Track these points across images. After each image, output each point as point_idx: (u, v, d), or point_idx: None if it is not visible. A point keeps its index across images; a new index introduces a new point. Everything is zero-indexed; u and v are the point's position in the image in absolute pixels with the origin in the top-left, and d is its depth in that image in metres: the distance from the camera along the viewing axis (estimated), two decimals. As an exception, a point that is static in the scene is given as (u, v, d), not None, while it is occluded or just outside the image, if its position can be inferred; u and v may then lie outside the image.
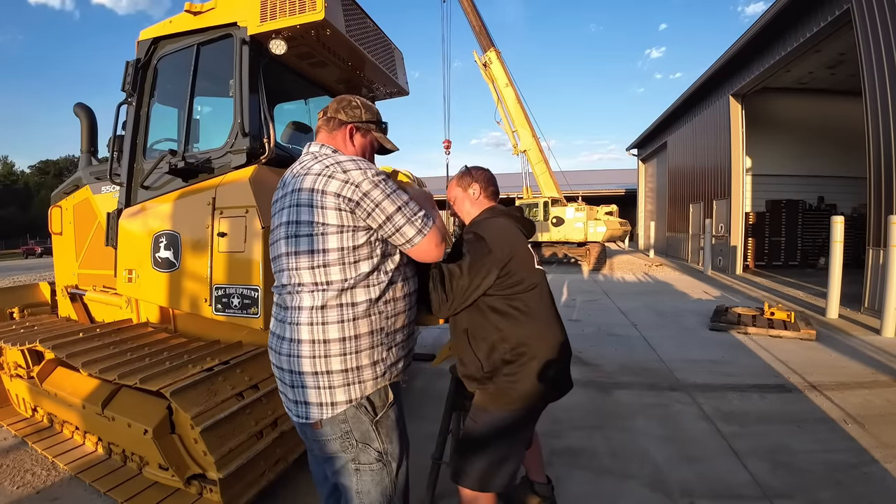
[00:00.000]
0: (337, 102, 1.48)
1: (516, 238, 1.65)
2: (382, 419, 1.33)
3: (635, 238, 23.68)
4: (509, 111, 14.04)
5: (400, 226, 1.30)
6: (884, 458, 2.50)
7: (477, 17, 13.73)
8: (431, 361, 2.29)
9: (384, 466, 1.32)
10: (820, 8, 7.54)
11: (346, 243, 1.27)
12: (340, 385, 1.27)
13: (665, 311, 6.70)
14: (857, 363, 4.19)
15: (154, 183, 2.68)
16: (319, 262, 1.27)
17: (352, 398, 1.28)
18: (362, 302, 1.29)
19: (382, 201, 1.28)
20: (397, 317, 1.37)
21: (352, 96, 1.50)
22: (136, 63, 2.73)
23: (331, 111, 1.47)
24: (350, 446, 1.30)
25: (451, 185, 1.86)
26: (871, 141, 6.43)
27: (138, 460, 2.25)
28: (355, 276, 1.27)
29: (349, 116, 1.45)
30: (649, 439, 2.81)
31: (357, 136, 1.47)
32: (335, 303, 1.27)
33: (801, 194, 12.69)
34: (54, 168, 49.59)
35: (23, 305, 3.69)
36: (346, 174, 1.27)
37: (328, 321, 1.26)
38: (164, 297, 2.53)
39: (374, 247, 1.30)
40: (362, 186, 1.26)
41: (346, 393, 1.28)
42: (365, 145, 1.50)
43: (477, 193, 1.79)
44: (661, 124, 17.24)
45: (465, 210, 1.81)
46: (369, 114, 1.49)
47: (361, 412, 1.29)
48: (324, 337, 1.26)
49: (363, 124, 1.47)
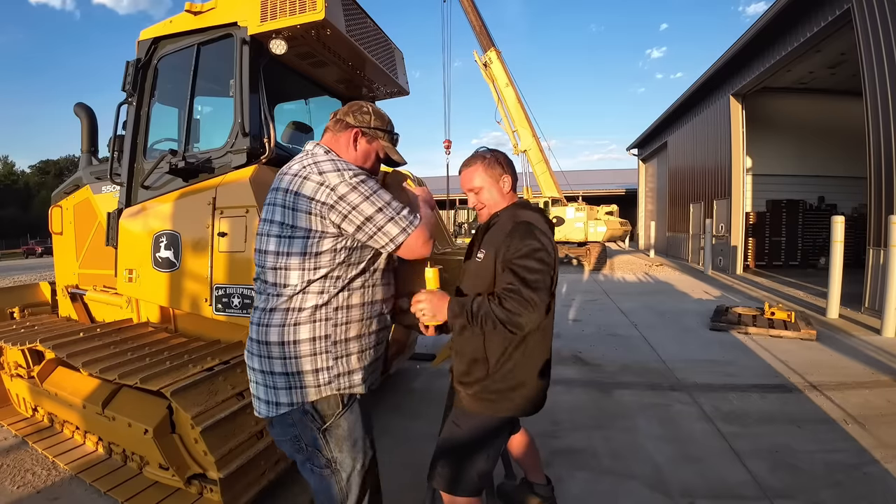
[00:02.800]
0: (348, 106, 1.48)
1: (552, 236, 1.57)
2: (331, 428, 1.32)
3: (636, 238, 23.68)
4: (510, 111, 14.03)
5: (381, 225, 1.28)
6: (884, 459, 2.50)
7: (477, 17, 13.72)
8: (432, 361, 2.30)
9: (333, 474, 1.33)
10: (820, 8, 7.54)
11: (310, 249, 1.27)
12: (283, 387, 1.29)
13: (665, 311, 6.70)
14: (858, 363, 4.19)
15: (154, 183, 2.68)
16: (282, 264, 1.28)
17: (294, 402, 1.29)
18: (308, 308, 1.28)
19: (360, 203, 1.26)
20: (349, 325, 1.33)
21: (365, 102, 1.50)
22: (137, 63, 2.73)
23: (340, 113, 1.46)
24: (301, 449, 1.33)
25: (474, 173, 1.62)
26: (871, 141, 6.42)
27: (139, 460, 2.26)
28: (309, 281, 1.28)
29: (357, 121, 1.44)
30: (650, 439, 2.80)
31: (362, 141, 1.45)
32: (283, 307, 1.29)
33: (801, 194, 12.68)
34: (55, 168, 49.59)
35: (23, 305, 3.69)
36: (322, 176, 1.26)
37: (271, 324, 1.29)
38: (165, 297, 2.53)
39: (338, 254, 1.29)
40: (338, 189, 1.25)
41: (288, 395, 1.29)
42: (369, 152, 1.47)
43: (508, 186, 1.64)
44: (661, 124, 17.23)
45: (494, 200, 1.62)
46: (379, 121, 1.47)
47: (307, 419, 1.30)
48: (266, 339, 1.29)
49: (370, 130, 1.45)
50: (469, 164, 1.64)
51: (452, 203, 22.06)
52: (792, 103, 12.30)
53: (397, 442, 2.78)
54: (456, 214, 22.27)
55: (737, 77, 10.89)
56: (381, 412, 3.11)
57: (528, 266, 1.39)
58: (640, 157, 21.68)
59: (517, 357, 1.51)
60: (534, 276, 1.38)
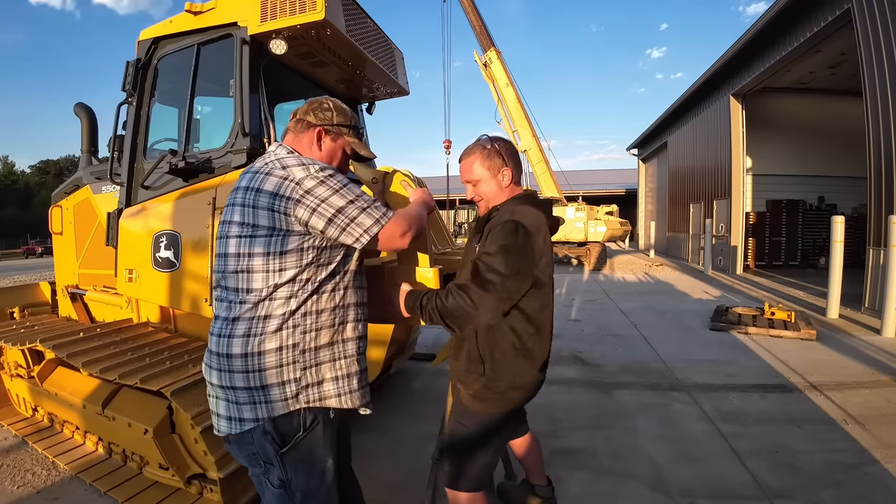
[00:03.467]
0: (308, 104, 1.39)
1: (548, 235, 1.52)
2: (290, 451, 1.22)
3: (636, 238, 23.68)
4: (510, 111, 14.03)
5: (354, 216, 1.20)
6: (884, 459, 2.50)
7: (477, 17, 13.72)
8: (432, 361, 2.29)
9: (286, 494, 1.24)
10: (820, 8, 7.54)
11: (274, 248, 1.18)
12: (246, 402, 1.20)
13: (665, 311, 6.70)
14: (858, 363, 4.19)
15: (154, 183, 2.68)
16: (244, 266, 1.20)
17: (259, 417, 1.19)
18: (276, 316, 1.19)
19: (329, 196, 1.19)
20: (319, 332, 1.24)
21: (325, 98, 1.41)
22: (137, 63, 2.73)
23: (300, 113, 1.38)
24: (258, 464, 1.26)
25: (472, 164, 1.57)
26: (871, 141, 6.42)
27: (139, 460, 2.26)
28: (275, 284, 1.19)
29: (318, 119, 1.36)
30: (650, 439, 2.80)
31: (326, 140, 1.38)
32: (247, 315, 1.20)
33: (801, 194, 12.68)
34: (55, 168, 49.60)
35: (23, 305, 3.70)
36: (286, 170, 1.20)
37: (234, 335, 1.20)
38: (165, 297, 2.53)
39: (305, 253, 1.21)
40: (304, 183, 1.18)
41: (252, 410, 1.20)
42: (334, 150, 1.40)
43: (508, 180, 1.56)
44: (661, 124, 17.23)
45: (492, 193, 1.58)
46: (341, 117, 1.39)
47: (266, 440, 1.21)
48: (228, 351, 1.20)
49: (333, 127, 1.38)
50: (467, 154, 1.58)
51: (452, 203, 22.06)
52: (792, 103, 12.30)
53: (397, 442, 2.78)
54: (456, 214, 22.28)
55: (737, 77, 10.89)
56: (381, 412, 3.11)
57: (490, 265, 1.36)
58: (640, 157, 21.68)
59: (513, 357, 1.50)
60: (491, 277, 1.35)
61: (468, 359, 1.53)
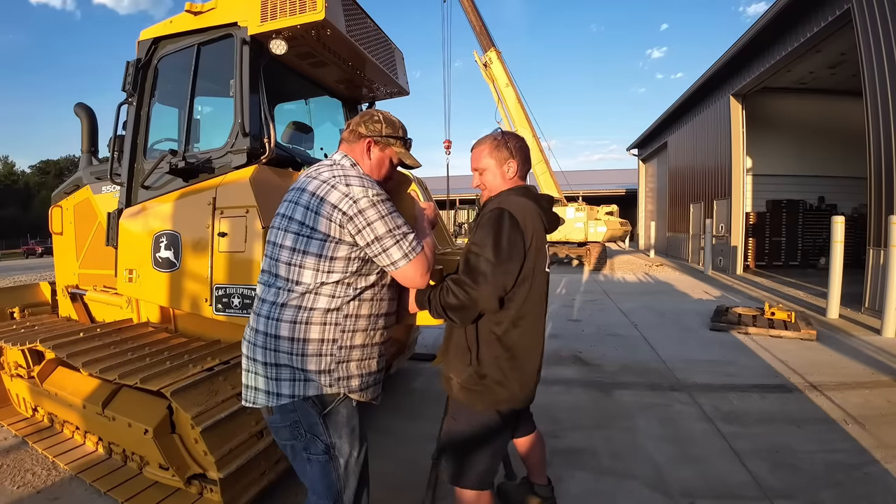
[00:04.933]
0: (360, 116, 1.53)
1: (538, 227, 1.53)
2: (331, 413, 1.37)
3: (636, 238, 23.68)
4: (510, 111, 14.03)
5: (387, 247, 1.34)
6: (884, 459, 2.50)
7: (477, 18, 13.71)
8: (432, 361, 2.30)
9: (330, 460, 1.37)
10: (820, 8, 7.54)
11: (326, 252, 1.32)
12: (287, 379, 1.34)
13: (665, 311, 6.70)
14: (858, 363, 4.19)
15: (154, 183, 2.68)
16: (297, 261, 1.34)
17: (295, 394, 1.33)
18: (319, 309, 1.33)
19: (375, 221, 1.32)
20: (355, 333, 1.38)
21: (377, 111, 1.55)
22: (137, 63, 2.73)
23: (353, 124, 1.52)
24: (300, 434, 1.36)
25: (481, 153, 1.63)
26: (871, 141, 6.42)
27: (139, 460, 2.26)
28: (322, 283, 1.33)
29: (369, 130, 1.49)
30: (650, 439, 2.80)
31: (375, 150, 1.50)
32: (294, 303, 1.34)
33: (801, 194, 12.68)
34: (55, 168, 49.60)
35: (23, 305, 3.70)
36: (349, 188, 1.34)
37: (282, 318, 1.33)
38: (165, 297, 2.53)
39: (351, 263, 1.35)
40: (360, 203, 1.32)
41: (290, 388, 1.34)
42: (382, 159, 1.52)
43: (513, 172, 1.62)
44: (661, 124, 17.23)
45: (494, 184, 1.63)
46: (390, 129, 1.52)
47: (308, 404, 1.35)
48: (276, 332, 1.33)
49: (382, 138, 1.50)
50: (478, 144, 1.66)
51: (453, 203, 22.05)
52: (792, 103, 12.30)
53: (397, 442, 2.78)
54: (456, 214, 22.28)
55: (737, 77, 10.89)
56: (381, 412, 3.11)
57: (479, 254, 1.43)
58: (641, 158, 21.68)
59: (500, 348, 1.50)
60: (483, 266, 1.41)
61: (456, 348, 1.58)
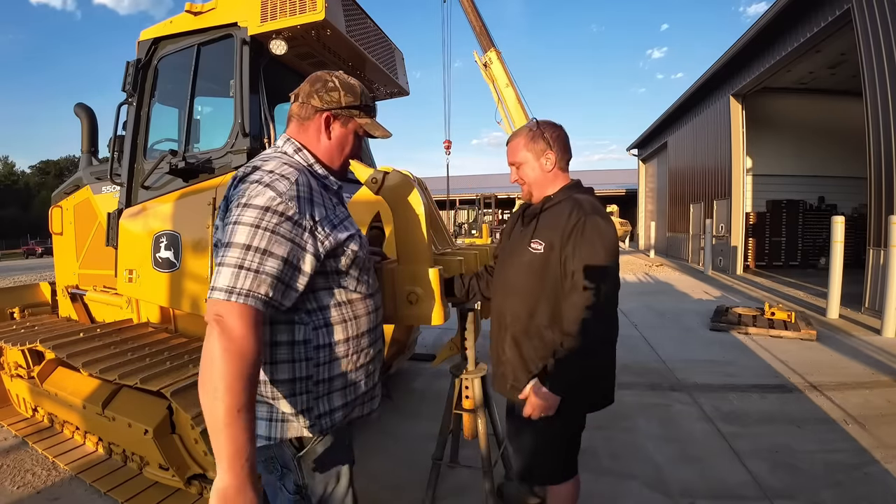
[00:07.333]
0: (310, 84, 1.18)
1: None
2: (307, 455, 1.18)
3: (636, 238, 23.67)
4: (510, 112, 14.01)
5: (225, 263, 0.95)
6: (884, 459, 2.50)
7: (477, 18, 13.71)
8: (432, 361, 2.29)
9: (301, 500, 1.20)
10: (820, 8, 7.53)
11: None
12: (265, 419, 1.13)
13: (665, 312, 6.70)
14: (858, 363, 4.19)
15: (154, 183, 2.68)
16: None
17: (272, 436, 1.13)
18: (283, 343, 1.08)
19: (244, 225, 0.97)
20: (332, 364, 1.13)
21: (328, 74, 1.19)
22: (137, 63, 2.74)
23: (303, 95, 1.18)
24: (275, 468, 1.21)
25: (517, 146, 1.55)
26: (871, 141, 6.42)
27: (139, 460, 2.26)
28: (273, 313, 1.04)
29: (325, 102, 1.16)
30: (650, 439, 2.80)
31: (335, 126, 1.19)
32: None
33: (801, 194, 12.67)
34: (55, 168, 49.66)
35: (23, 305, 3.70)
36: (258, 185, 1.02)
37: None
38: (165, 297, 2.53)
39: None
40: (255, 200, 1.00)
41: (267, 428, 1.13)
42: (345, 135, 1.21)
43: (551, 164, 1.52)
44: (661, 124, 17.22)
45: (534, 177, 1.54)
46: (350, 96, 1.17)
47: (285, 445, 1.17)
48: None
49: (343, 110, 1.18)
50: (514, 137, 1.57)
51: (452, 203, 22.05)
52: (792, 103, 12.29)
53: (397, 442, 2.78)
54: (456, 214, 22.28)
55: (737, 77, 10.88)
56: (381, 412, 3.10)
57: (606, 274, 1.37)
58: (641, 158, 21.66)
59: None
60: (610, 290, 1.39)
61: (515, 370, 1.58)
